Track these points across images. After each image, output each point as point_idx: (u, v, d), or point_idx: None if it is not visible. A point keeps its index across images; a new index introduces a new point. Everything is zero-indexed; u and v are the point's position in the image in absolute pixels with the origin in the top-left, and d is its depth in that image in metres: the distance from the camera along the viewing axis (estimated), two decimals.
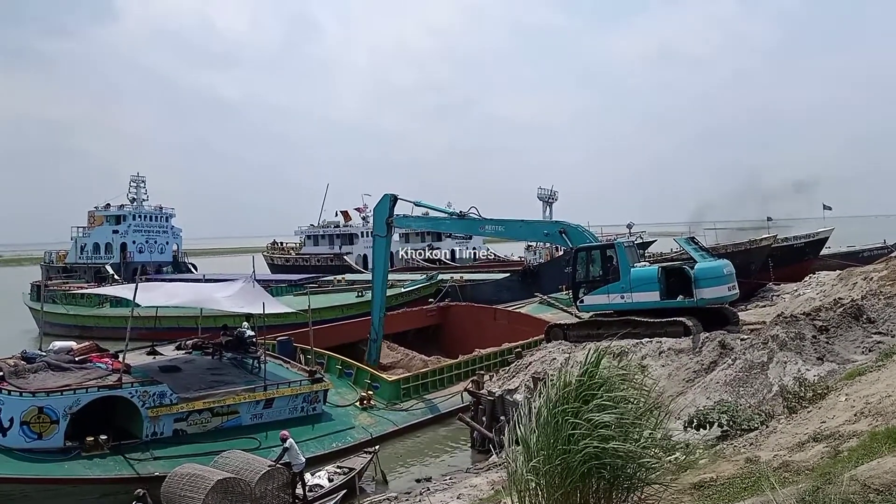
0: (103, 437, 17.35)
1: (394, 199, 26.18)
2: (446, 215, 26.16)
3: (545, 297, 37.08)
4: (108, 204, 69.35)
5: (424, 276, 47.20)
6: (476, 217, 25.30)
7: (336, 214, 78.45)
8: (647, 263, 23.80)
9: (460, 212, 25.64)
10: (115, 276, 60.72)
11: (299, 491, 16.06)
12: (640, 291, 21.49)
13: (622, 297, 21.79)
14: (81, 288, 51.21)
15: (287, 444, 16.09)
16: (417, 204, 26.67)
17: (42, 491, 16.29)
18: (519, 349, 24.86)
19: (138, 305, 20.18)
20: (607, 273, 22.30)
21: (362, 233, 75.00)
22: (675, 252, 40.93)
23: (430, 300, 39.58)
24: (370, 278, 54.71)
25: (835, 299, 20.18)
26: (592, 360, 6.69)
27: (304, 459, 16.42)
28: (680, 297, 21.10)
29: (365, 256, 73.54)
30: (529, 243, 64.34)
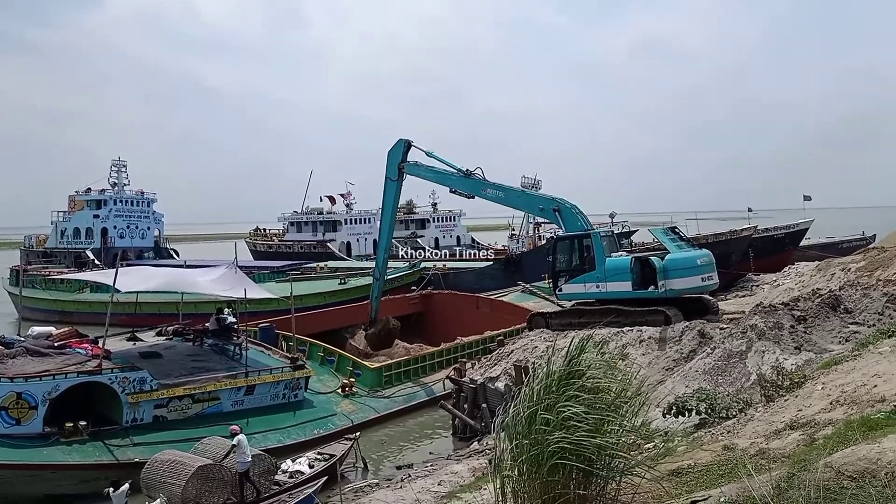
0: (83, 423, 17.23)
1: (407, 145, 27.15)
2: (454, 171, 26.35)
3: (528, 285, 37.25)
4: (89, 188, 68.59)
5: (407, 263, 47.20)
6: (480, 178, 25.76)
7: (321, 200, 78.14)
8: (625, 253, 23.96)
9: (467, 170, 25.96)
10: (96, 262, 60.16)
11: (274, 489, 15.81)
12: (614, 281, 21.72)
13: (597, 287, 22.02)
14: (61, 273, 50.72)
15: (235, 441, 15.00)
16: (429, 154, 27.16)
17: (20, 477, 16.18)
18: (501, 337, 24.97)
19: (118, 291, 20.01)
20: (583, 263, 22.51)
21: (346, 220, 74.76)
22: (656, 242, 41.19)
23: (412, 288, 39.61)
24: (353, 266, 54.77)
25: (813, 290, 20.39)
26: (575, 350, 6.71)
27: (250, 459, 15.06)
28: (651, 288, 21.29)
29: (348, 244, 73.34)
30: (513, 231, 64.62)
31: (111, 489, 14.14)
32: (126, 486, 14.24)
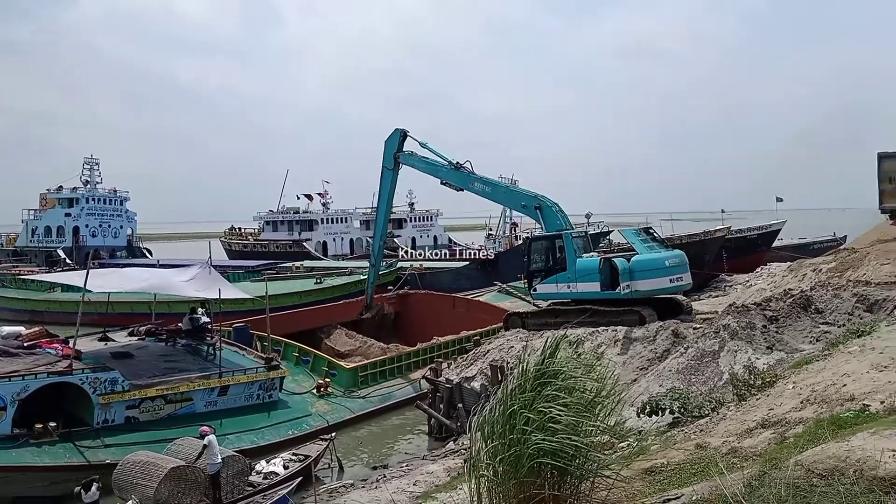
0: (53, 424, 16.96)
1: (403, 135, 27.87)
2: (445, 163, 26.74)
3: (504, 285, 37.35)
4: (61, 186, 67.68)
5: (384, 263, 47.13)
6: (469, 172, 26.16)
7: (298, 198, 77.75)
8: (596, 254, 24.09)
9: (457, 162, 26.35)
10: (67, 261, 59.37)
11: (249, 490, 15.68)
12: (584, 282, 21.90)
13: (569, 287, 22.19)
14: (32, 272, 49.94)
15: (206, 441, 14.80)
16: (423, 145, 27.68)
17: None
18: (477, 337, 24.99)
19: (89, 291, 19.74)
20: (556, 263, 22.67)
21: (322, 219, 74.45)
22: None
23: (389, 287, 39.55)
24: (329, 265, 54.50)
25: (785, 290, 20.60)
26: (550, 349, 6.72)
27: (221, 460, 14.87)
28: (618, 289, 21.43)
29: (324, 243, 73.01)
30: (490, 231, 64.74)
31: (81, 491, 13.96)
32: (97, 486, 14.07)
